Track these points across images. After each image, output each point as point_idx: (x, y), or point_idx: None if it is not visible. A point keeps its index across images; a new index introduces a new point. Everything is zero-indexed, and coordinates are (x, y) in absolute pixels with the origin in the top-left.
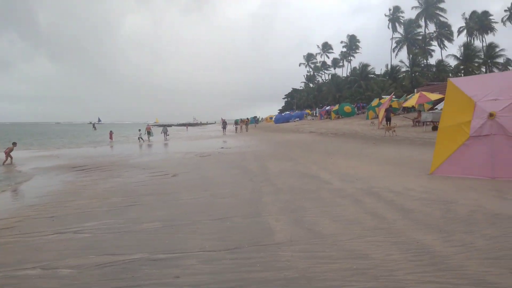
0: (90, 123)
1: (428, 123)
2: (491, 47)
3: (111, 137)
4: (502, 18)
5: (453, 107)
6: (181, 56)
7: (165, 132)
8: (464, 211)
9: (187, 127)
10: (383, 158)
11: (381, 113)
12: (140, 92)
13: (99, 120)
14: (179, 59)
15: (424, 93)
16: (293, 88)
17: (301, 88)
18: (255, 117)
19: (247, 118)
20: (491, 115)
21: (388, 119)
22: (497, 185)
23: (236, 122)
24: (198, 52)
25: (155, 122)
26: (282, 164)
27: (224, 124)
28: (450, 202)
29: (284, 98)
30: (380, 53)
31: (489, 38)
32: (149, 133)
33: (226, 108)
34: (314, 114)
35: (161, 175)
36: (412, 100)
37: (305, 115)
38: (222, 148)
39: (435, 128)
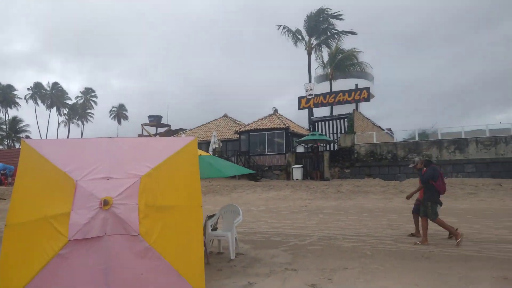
0: None
1: None
2: (16, 121)
3: None
4: (25, 96)
5: (33, 188)
6: None
7: None
8: None
9: None
10: None
11: None
12: None
13: None
14: None
15: None
16: None
17: None
18: None
19: None
20: (106, 203)
21: None
22: None
23: None
24: None
25: None
26: None
27: None
28: None
29: None
30: None
31: (13, 112)
32: None
33: None
34: None
35: None
36: None
37: None
38: None
39: None
